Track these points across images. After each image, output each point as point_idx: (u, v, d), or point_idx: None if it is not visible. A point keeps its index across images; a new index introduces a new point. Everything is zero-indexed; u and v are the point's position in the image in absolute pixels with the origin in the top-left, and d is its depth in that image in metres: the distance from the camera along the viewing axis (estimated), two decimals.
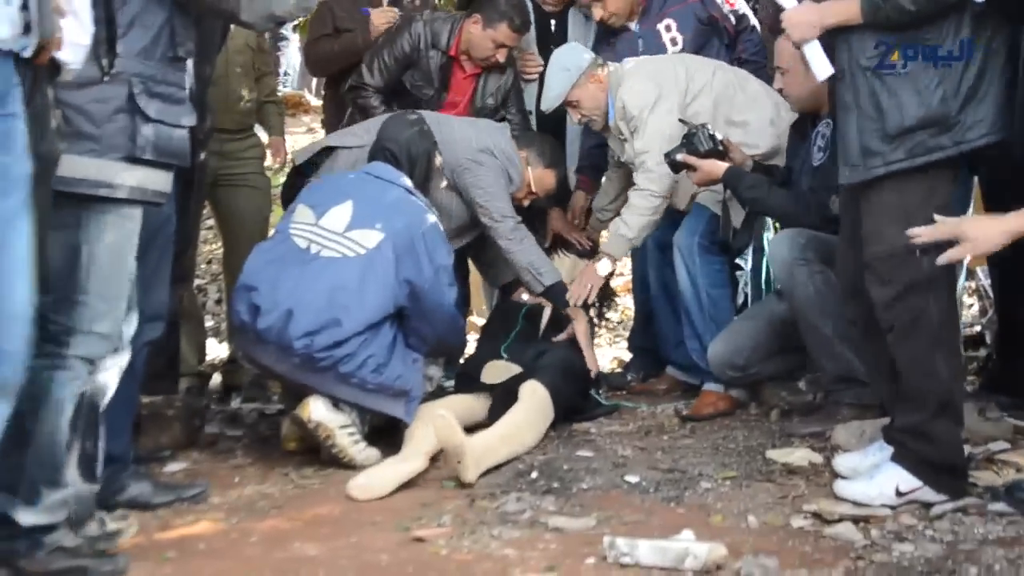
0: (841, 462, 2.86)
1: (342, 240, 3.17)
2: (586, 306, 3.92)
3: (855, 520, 2.46)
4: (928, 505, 2.54)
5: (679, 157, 3.51)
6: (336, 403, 3.09)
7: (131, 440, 2.91)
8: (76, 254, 2.25)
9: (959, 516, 2.47)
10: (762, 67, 4.06)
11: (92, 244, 2.26)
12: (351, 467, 3.05)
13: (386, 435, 3.21)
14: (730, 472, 2.94)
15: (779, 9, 2.78)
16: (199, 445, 3.47)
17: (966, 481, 2.63)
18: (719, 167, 3.48)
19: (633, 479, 2.91)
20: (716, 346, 3.58)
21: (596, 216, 4.22)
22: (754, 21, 4.20)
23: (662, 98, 3.70)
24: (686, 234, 3.75)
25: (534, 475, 2.97)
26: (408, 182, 3.37)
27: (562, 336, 3.83)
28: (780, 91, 3.59)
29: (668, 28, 4.12)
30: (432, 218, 3.32)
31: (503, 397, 3.40)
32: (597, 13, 4.12)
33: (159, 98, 2.34)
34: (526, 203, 3.96)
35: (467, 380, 3.65)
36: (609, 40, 4.21)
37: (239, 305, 3.17)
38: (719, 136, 3.52)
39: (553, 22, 4.49)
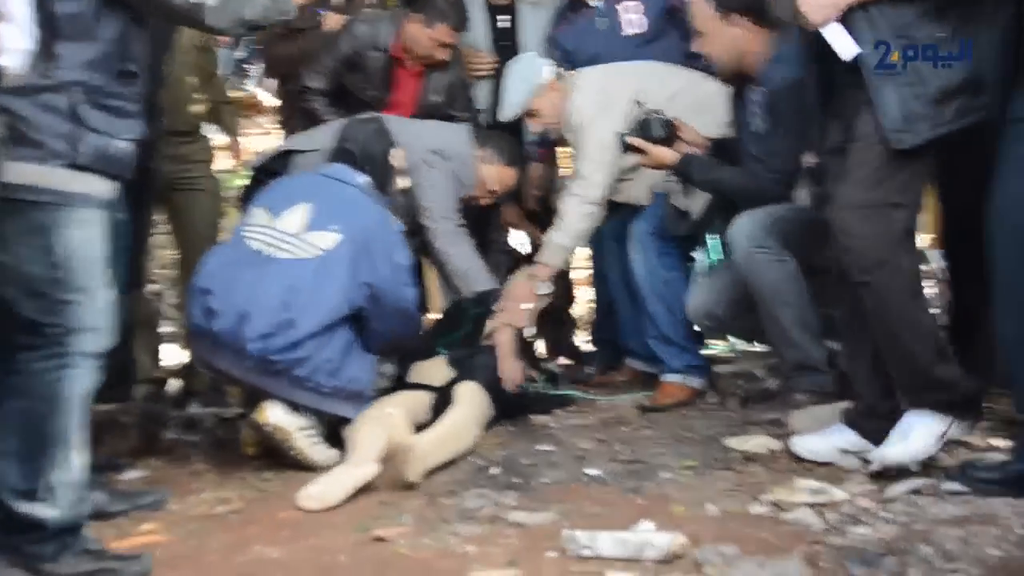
0: (800, 444, 2.90)
1: (297, 242, 3.15)
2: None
3: (812, 506, 2.48)
4: (882, 487, 2.58)
5: (630, 140, 3.52)
6: (294, 406, 3.08)
7: (88, 448, 2.87)
8: (52, 256, 2.24)
9: (913, 498, 2.50)
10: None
11: (65, 245, 2.25)
12: (311, 469, 3.04)
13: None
14: (690, 461, 2.96)
15: None
16: (157, 452, 3.44)
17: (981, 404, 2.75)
18: (669, 154, 3.49)
19: (593, 472, 2.92)
20: (696, 295, 3.58)
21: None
22: None
23: (607, 109, 3.70)
24: (642, 223, 3.77)
25: (494, 471, 2.97)
26: (365, 182, 3.36)
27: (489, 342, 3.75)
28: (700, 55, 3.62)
29: (626, 10, 4.11)
30: (390, 218, 3.31)
31: (442, 399, 3.39)
32: None
33: (105, 110, 2.30)
34: (485, 202, 3.93)
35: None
36: (567, 15, 4.21)
37: (193, 308, 3.14)
38: (673, 121, 3.53)
39: (499, 18, 4.46)
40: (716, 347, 4.59)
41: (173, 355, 4.98)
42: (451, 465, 3.05)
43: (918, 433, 2.67)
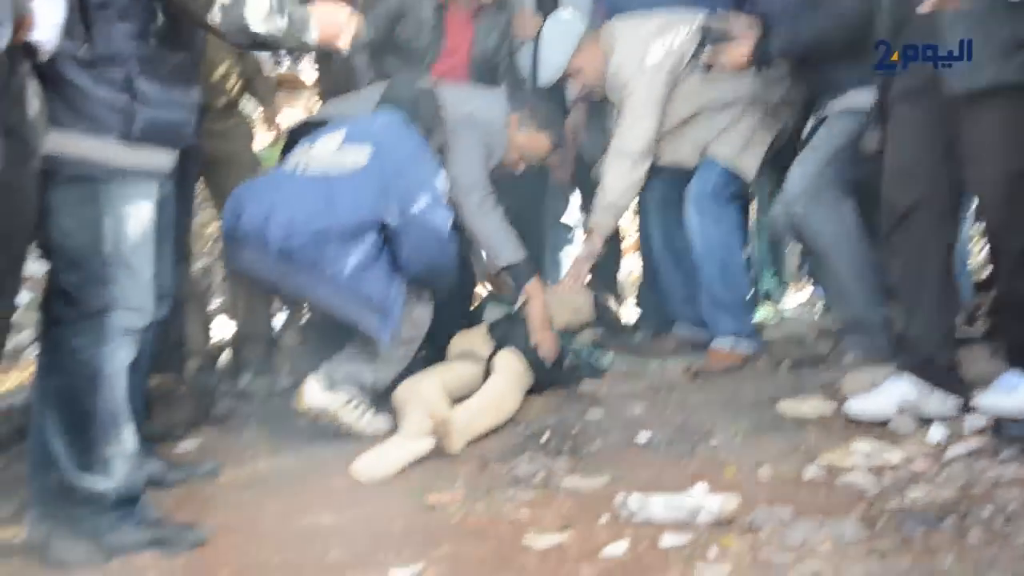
0: (854, 405, 2.86)
1: (331, 158, 3.20)
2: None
3: (867, 469, 2.45)
4: (940, 450, 2.54)
5: (704, 58, 3.57)
6: (332, 382, 3.10)
7: (142, 420, 2.92)
8: (99, 230, 2.26)
9: (971, 460, 2.46)
10: None
11: (113, 219, 2.28)
12: (363, 437, 3.06)
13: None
14: (741, 425, 2.94)
15: None
16: (211, 422, 3.48)
17: None
18: (741, 46, 3.47)
19: (644, 437, 2.91)
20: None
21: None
22: None
23: (645, 61, 3.65)
24: (700, 184, 3.71)
25: (546, 437, 2.97)
26: (400, 116, 3.38)
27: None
28: None
29: None
30: (425, 144, 3.32)
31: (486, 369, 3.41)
32: None
33: (159, 81, 2.31)
34: (519, 168, 3.86)
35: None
36: None
37: (226, 215, 3.22)
38: (724, 24, 3.55)
39: None
40: (766, 312, 4.55)
41: (224, 328, 5.03)
42: (502, 432, 3.06)
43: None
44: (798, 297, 4.75)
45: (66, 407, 2.28)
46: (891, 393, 2.80)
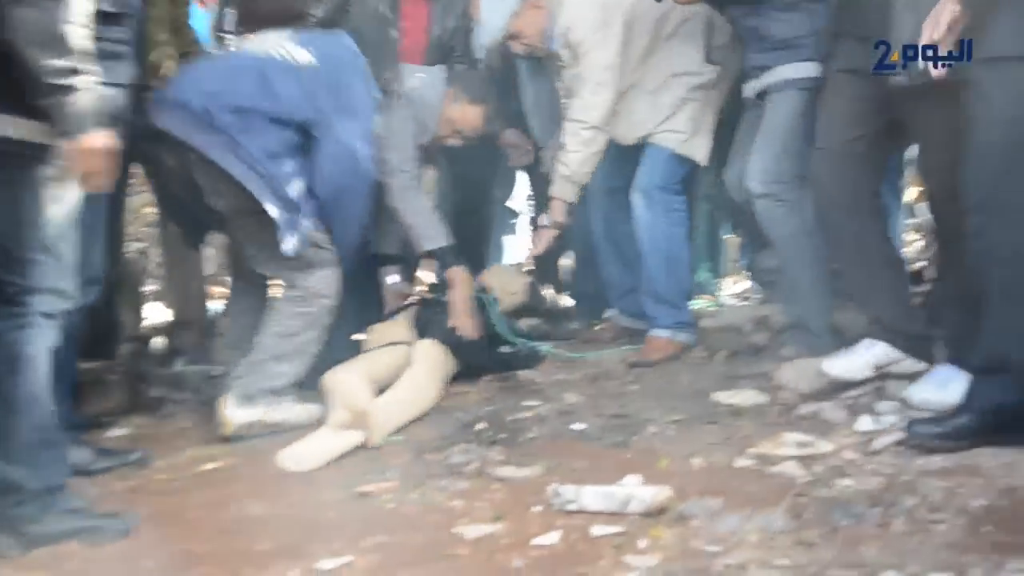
0: (832, 365, 2.94)
1: (274, 46, 3.21)
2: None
3: (798, 459, 2.48)
4: (868, 440, 2.57)
5: None
6: (247, 397, 3.07)
7: (71, 406, 2.86)
8: (20, 213, 2.19)
9: (900, 449, 2.50)
10: None
11: (33, 200, 2.21)
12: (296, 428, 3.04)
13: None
14: (676, 416, 2.95)
15: None
16: (142, 409, 3.43)
17: None
18: None
19: (580, 426, 2.92)
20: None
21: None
22: None
23: (605, 29, 3.61)
24: (647, 178, 3.69)
25: (481, 426, 2.96)
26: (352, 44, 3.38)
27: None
28: None
29: None
30: (363, 65, 3.31)
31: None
32: None
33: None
34: (451, 142, 3.76)
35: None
36: None
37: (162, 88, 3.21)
38: None
39: None
40: (703, 302, 4.58)
41: (158, 313, 4.95)
42: (437, 421, 3.04)
43: (957, 387, 2.62)
44: (735, 288, 4.79)
45: None
46: (867, 356, 2.88)
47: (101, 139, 2.15)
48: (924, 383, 2.78)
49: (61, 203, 2.24)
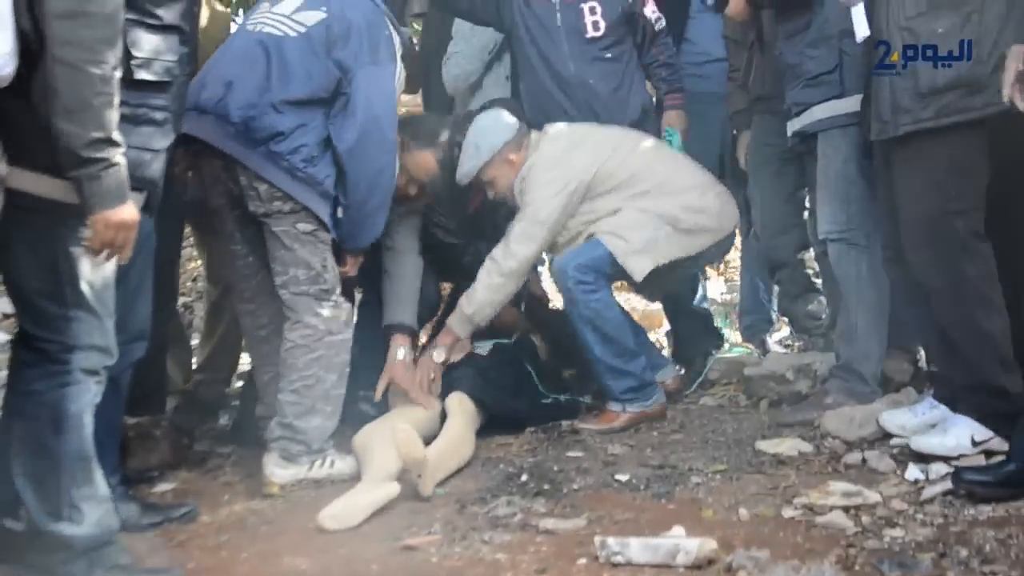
0: (889, 419, 2.94)
1: (287, 20, 3.15)
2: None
3: (845, 509, 2.45)
4: (918, 489, 2.54)
5: None
6: (288, 455, 3.08)
7: (117, 462, 2.89)
8: (59, 271, 2.22)
9: (949, 499, 2.47)
10: (676, 72, 4.09)
11: (72, 259, 2.22)
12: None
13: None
14: (720, 465, 2.94)
15: None
16: (187, 464, 3.45)
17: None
18: None
19: (623, 477, 2.90)
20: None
21: None
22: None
23: (557, 191, 3.52)
24: (571, 256, 3.52)
25: (524, 477, 2.96)
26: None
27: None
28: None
29: (592, 11, 3.95)
30: (383, 16, 3.21)
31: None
32: None
33: (127, 121, 2.26)
34: (411, 191, 3.61)
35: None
36: (528, 1, 4.02)
37: (192, 88, 3.03)
38: None
39: None
40: (745, 350, 4.56)
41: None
42: (480, 473, 3.04)
43: (957, 432, 2.67)
44: (777, 335, 4.76)
45: (31, 451, 2.24)
46: (926, 416, 2.88)
47: (126, 213, 2.17)
48: (930, 430, 2.79)
49: (99, 261, 2.27)
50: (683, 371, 4.08)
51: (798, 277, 4.08)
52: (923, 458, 2.70)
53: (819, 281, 4.15)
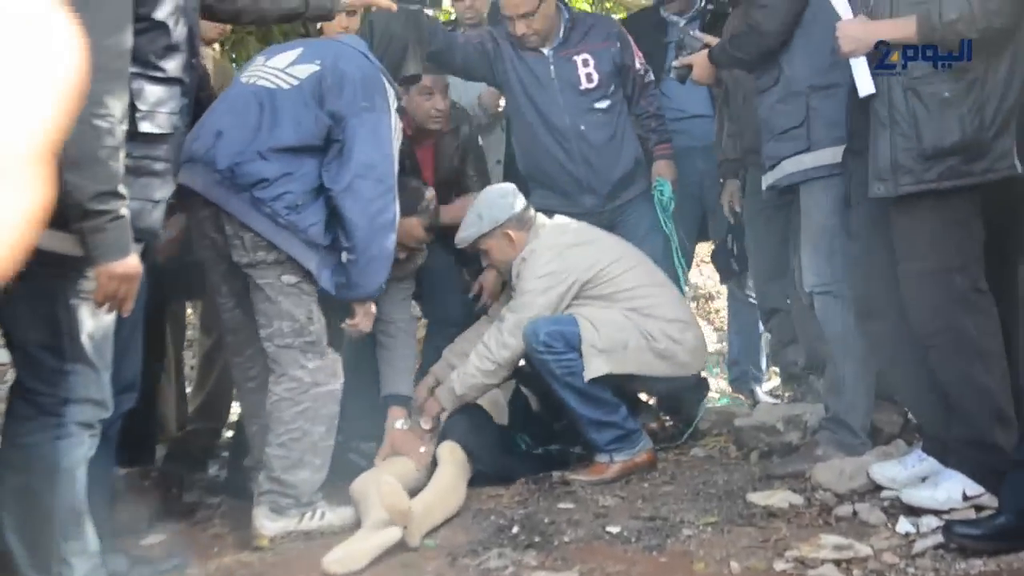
0: (879, 471, 2.95)
1: (281, 74, 3.17)
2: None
3: (837, 562, 2.45)
4: (909, 543, 2.55)
5: (677, 64, 3.68)
6: (277, 507, 3.07)
7: (106, 513, 2.87)
8: (59, 324, 2.23)
9: (940, 553, 2.47)
10: (664, 123, 4.17)
11: (69, 313, 2.23)
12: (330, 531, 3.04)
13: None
14: (711, 517, 2.93)
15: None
16: (177, 515, 3.43)
17: None
18: (702, 56, 3.60)
19: (615, 529, 2.90)
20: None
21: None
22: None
23: (551, 286, 3.55)
24: (542, 322, 3.49)
25: (515, 530, 2.95)
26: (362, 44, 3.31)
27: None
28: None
29: (586, 63, 4.07)
30: (376, 71, 3.21)
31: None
32: (520, 28, 4.02)
33: (130, 172, 2.28)
34: (401, 256, 3.63)
35: None
36: (519, 54, 4.12)
37: (186, 140, 3.05)
38: (702, 36, 3.68)
39: None
40: (736, 400, 4.58)
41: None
42: (471, 524, 3.03)
43: (948, 486, 2.68)
44: (768, 385, 4.77)
45: (23, 504, 2.23)
46: (916, 468, 2.90)
47: (130, 265, 2.18)
48: (921, 483, 2.81)
49: (98, 315, 2.28)
50: (666, 416, 4.11)
51: (788, 325, 4.12)
52: (914, 511, 2.71)
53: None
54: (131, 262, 2.18)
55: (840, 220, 3.21)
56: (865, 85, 2.74)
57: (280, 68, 3.19)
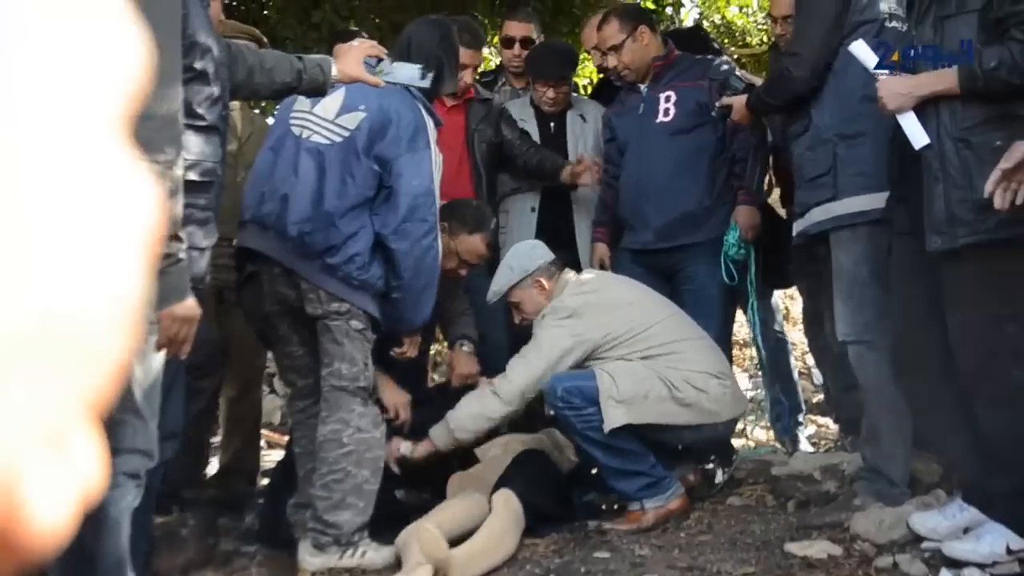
0: (919, 522, 2.90)
1: (330, 126, 3.27)
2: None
3: None
4: None
5: (720, 103, 3.78)
6: (320, 544, 3.14)
7: (145, 562, 2.89)
8: None
9: None
10: (746, 168, 4.18)
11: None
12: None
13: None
14: (749, 568, 2.91)
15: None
16: (213, 564, 3.44)
17: None
18: (744, 98, 3.67)
19: None
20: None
21: None
22: None
23: (572, 328, 3.58)
24: (565, 377, 3.52)
25: None
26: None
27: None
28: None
29: (668, 99, 4.20)
30: (416, 105, 3.29)
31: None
32: (611, 61, 4.22)
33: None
34: (462, 272, 3.84)
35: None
36: (621, 99, 4.34)
37: (247, 198, 3.33)
38: (747, 77, 3.80)
39: (553, 124, 4.58)
40: (772, 449, 4.54)
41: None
42: (507, 574, 3.02)
43: (992, 539, 2.64)
44: (806, 433, 4.74)
45: (69, 553, 2.24)
46: (958, 518, 2.85)
47: (190, 306, 2.24)
48: (964, 535, 2.77)
49: (150, 365, 2.32)
50: (701, 467, 4.07)
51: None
52: (956, 564, 2.67)
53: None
54: (191, 304, 2.24)
55: (871, 269, 3.20)
56: (919, 138, 2.72)
57: (330, 120, 3.29)
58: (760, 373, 5.24)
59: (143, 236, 0.32)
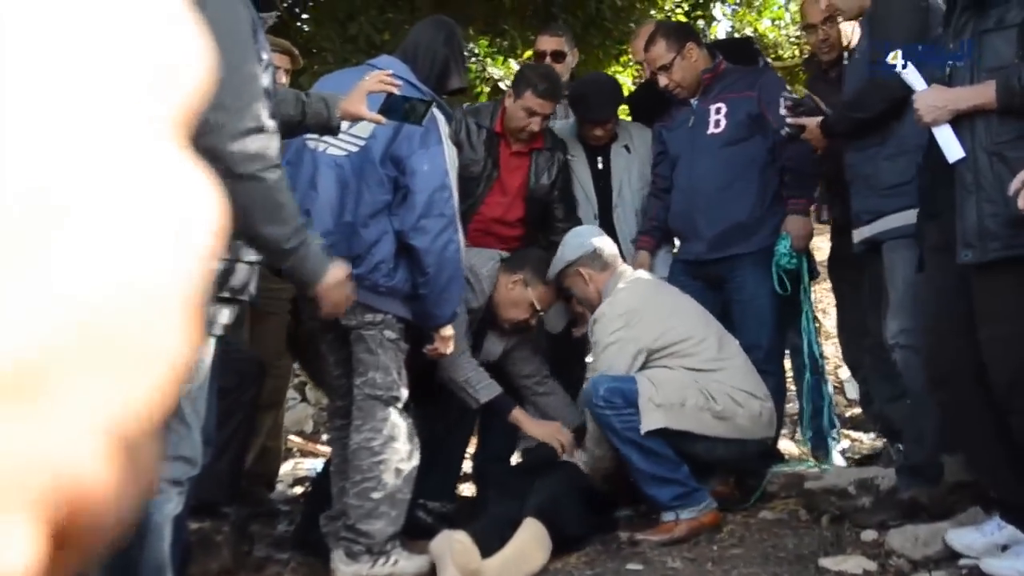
0: (956, 538, 2.88)
1: (345, 137, 3.29)
2: None
3: None
4: None
5: (791, 121, 3.71)
6: (352, 553, 3.17)
7: (180, 568, 2.91)
8: None
9: None
10: (795, 176, 4.15)
11: None
12: None
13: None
14: None
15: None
16: (247, 570, 3.47)
17: None
18: (814, 121, 3.63)
19: None
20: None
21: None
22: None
23: (623, 338, 3.61)
24: (603, 378, 3.57)
25: None
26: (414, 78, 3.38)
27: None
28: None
29: (718, 111, 4.19)
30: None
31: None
32: (662, 80, 4.23)
33: None
34: (533, 322, 3.98)
35: None
36: (672, 113, 4.35)
37: None
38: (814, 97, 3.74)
39: (600, 158, 4.56)
40: (807, 463, 4.50)
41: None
42: None
43: None
44: (839, 448, 4.70)
45: (111, 559, 2.26)
46: (995, 536, 2.83)
47: (337, 273, 2.39)
48: (998, 555, 2.73)
49: (198, 372, 2.33)
50: (732, 479, 4.05)
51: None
52: None
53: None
54: (336, 271, 2.40)
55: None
56: (954, 151, 2.71)
57: (344, 129, 3.27)
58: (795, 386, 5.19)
59: (199, 236, 0.32)
